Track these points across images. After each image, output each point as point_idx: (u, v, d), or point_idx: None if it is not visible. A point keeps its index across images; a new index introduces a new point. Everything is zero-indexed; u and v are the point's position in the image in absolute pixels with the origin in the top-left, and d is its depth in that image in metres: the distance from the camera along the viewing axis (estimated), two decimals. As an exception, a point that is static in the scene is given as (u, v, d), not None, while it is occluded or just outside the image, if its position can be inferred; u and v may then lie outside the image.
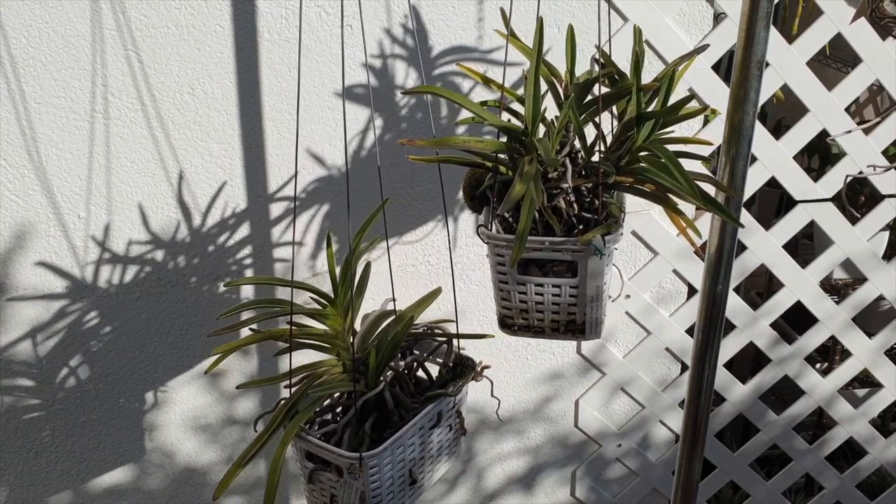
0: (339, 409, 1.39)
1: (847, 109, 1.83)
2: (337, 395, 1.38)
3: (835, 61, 2.44)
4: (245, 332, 1.45)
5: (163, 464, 1.91)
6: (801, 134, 1.85)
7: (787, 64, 1.76)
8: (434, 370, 1.47)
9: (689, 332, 1.98)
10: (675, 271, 1.93)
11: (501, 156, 1.21)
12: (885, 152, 1.88)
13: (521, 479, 2.15)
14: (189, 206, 1.68)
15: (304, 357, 1.39)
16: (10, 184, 1.59)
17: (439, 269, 1.84)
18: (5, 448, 1.79)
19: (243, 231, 1.73)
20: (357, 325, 1.45)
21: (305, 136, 1.68)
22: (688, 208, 1.21)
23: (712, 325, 1.38)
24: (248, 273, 1.76)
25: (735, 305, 1.98)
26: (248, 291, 1.79)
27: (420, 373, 1.47)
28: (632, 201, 1.54)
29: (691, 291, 1.91)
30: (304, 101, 1.66)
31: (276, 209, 1.73)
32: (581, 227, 1.18)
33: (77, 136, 1.59)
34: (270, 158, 1.69)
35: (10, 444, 1.79)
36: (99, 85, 1.56)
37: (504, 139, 1.21)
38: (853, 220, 1.94)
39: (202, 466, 1.94)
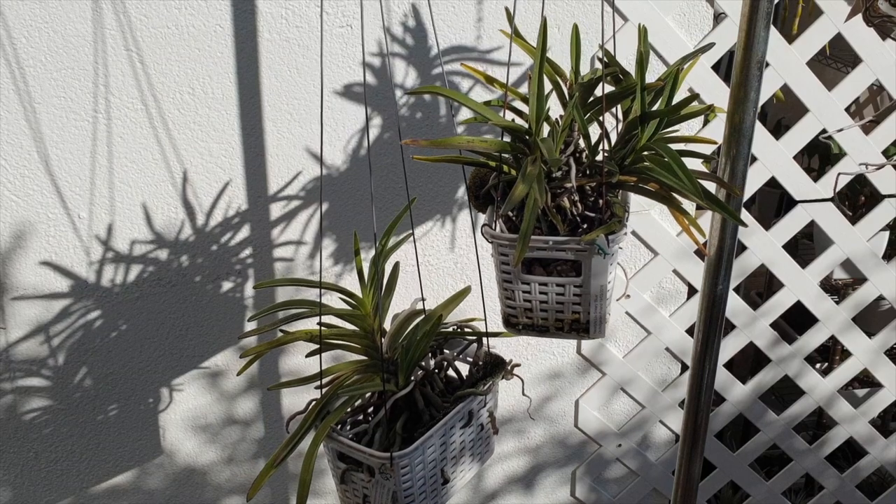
0: (370, 410, 1.38)
1: (847, 109, 1.83)
2: (368, 395, 1.38)
3: (835, 61, 2.45)
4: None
5: (163, 464, 1.90)
6: (801, 134, 1.85)
7: (787, 64, 1.76)
8: (464, 369, 1.46)
9: (689, 332, 1.99)
10: (675, 271, 1.93)
11: (505, 155, 1.21)
12: (885, 152, 1.88)
13: (521, 479, 2.15)
14: (189, 206, 1.68)
15: (333, 357, 1.38)
16: (10, 184, 1.59)
17: (439, 269, 1.84)
18: (6, 448, 1.79)
19: (243, 231, 1.73)
20: (386, 326, 1.45)
21: (305, 135, 1.68)
22: (689, 207, 1.21)
23: (712, 325, 1.38)
24: (249, 273, 1.76)
25: (735, 305, 1.98)
26: (249, 291, 1.79)
27: (451, 372, 1.46)
28: (632, 201, 1.54)
29: (691, 291, 1.91)
30: (304, 101, 1.66)
31: (276, 209, 1.73)
32: (585, 226, 1.18)
33: (77, 135, 1.59)
34: (270, 158, 1.69)
35: (10, 444, 1.79)
36: (100, 85, 1.56)
37: (508, 139, 1.21)
38: (850, 220, 1.94)
39: (202, 466, 1.94)
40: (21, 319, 1.69)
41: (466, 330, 1.48)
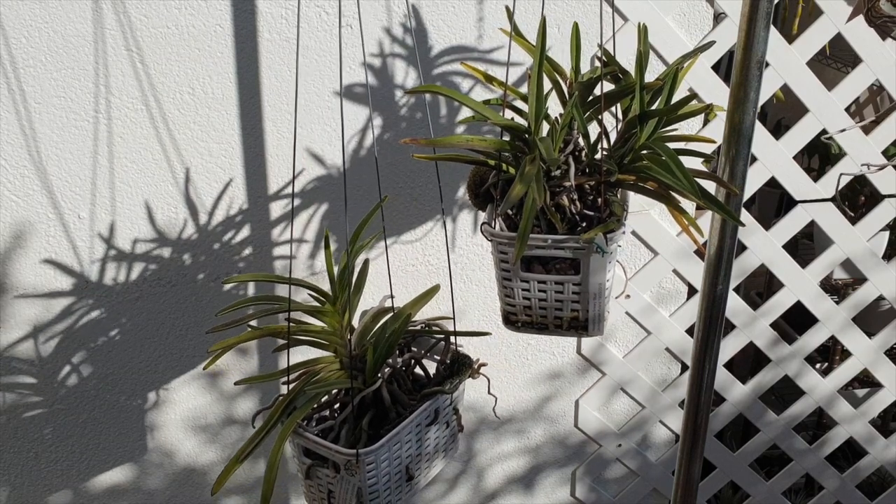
0: (336, 406, 1.39)
1: (847, 109, 1.83)
2: (335, 391, 1.39)
3: (835, 61, 2.45)
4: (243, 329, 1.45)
5: (163, 463, 1.90)
6: (801, 134, 1.85)
7: (787, 64, 1.76)
8: (432, 367, 1.47)
9: (689, 332, 1.98)
10: (675, 271, 1.93)
11: (505, 154, 1.22)
12: (885, 152, 1.88)
13: (521, 478, 2.15)
14: (189, 206, 1.68)
15: (302, 354, 1.39)
16: (10, 184, 1.59)
17: (439, 268, 1.84)
18: (5, 448, 1.79)
19: (244, 231, 1.73)
20: (355, 323, 1.45)
21: (305, 135, 1.68)
22: (688, 207, 1.22)
23: (712, 325, 1.38)
24: (249, 272, 1.76)
25: (735, 305, 1.98)
26: (250, 290, 1.79)
27: (418, 370, 1.47)
28: (632, 200, 1.53)
29: (691, 291, 1.91)
30: (303, 101, 1.66)
31: (276, 209, 1.73)
32: (584, 224, 1.18)
33: (77, 136, 1.59)
34: (270, 158, 1.69)
35: (10, 444, 1.79)
36: (101, 85, 1.56)
37: (507, 137, 1.21)
38: (851, 221, 1.94)
39: (202, 466, 1.94)
40: (21, 319, 1.69)
41: (434, 328, 1.48)
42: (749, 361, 2.66)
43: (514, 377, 2.00)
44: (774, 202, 2.68)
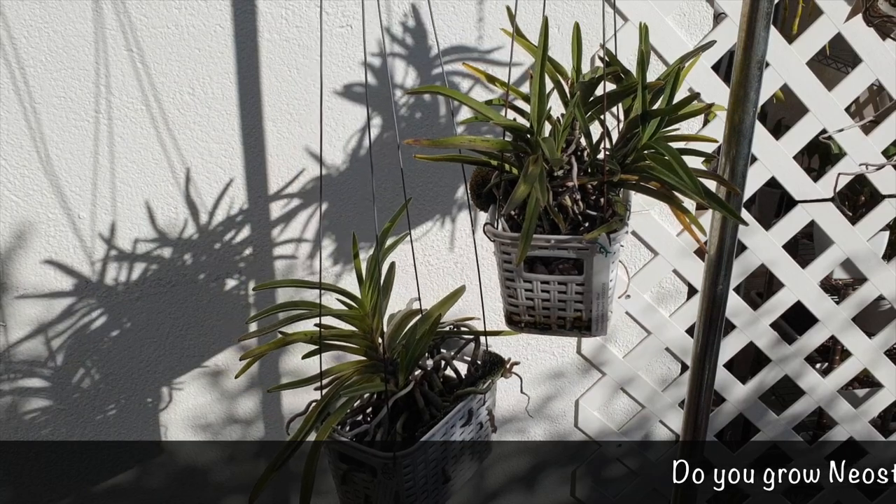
0: (368, 410, 1.38)
1: (847, 109, 1.83)
2: (366, 395, 1.38)
3: (835, 61, 2.45)
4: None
5: (163, 463, 1.90)
6: (801, 134, 1.85)
7: (787, 64, 1.76)
8: (462, 368, 1.46)
9: (690, 331, 1.98)
10: (675, 271, 1.93)
11: (507, 154, 1.22)
12: (885, 152, 1.88)
13: (521, 478, 2.15)
14: (190, 206, 1.68)
15: (330, 358, 1.39)
16: (10, 184, 1.59)
17: (439, 268, 1.84)
18: (6, 447, 1.79)
19: (244, 231, 1.73)
20: (383, 326, 1.45)
21: (305, 135, 1.68)
22: (690, 206, 1.22)
23: (712, 325, 1.38)
24: (249, 272, 1.76)
25: (735, 305, 1.98)
26: (250, 291, 1.79)
27: (448, 371, 1.46)
28: (633, 200, 1.53)
29: (691, 291, 1.91)
30: (304, 101, 1.66)
31: (276, 209, 1.73)
32: (587, 224, 1.18)
33: (78, 136, 1.59)
34: (270, 158, 1.69)
35: (10, 444, 1.79)
36: (101, 86, 1.56)
37: (510, 138, 1.21)
38: (850, 220, 1.94)
39: (202, 466, 1.93)
40: (21, 319, 1.69)
41: (463, 329, 1.48)
42: (749, 361, 2.66)
43: (514, 377, 2.00)
44: (774, 202, 2.68)
